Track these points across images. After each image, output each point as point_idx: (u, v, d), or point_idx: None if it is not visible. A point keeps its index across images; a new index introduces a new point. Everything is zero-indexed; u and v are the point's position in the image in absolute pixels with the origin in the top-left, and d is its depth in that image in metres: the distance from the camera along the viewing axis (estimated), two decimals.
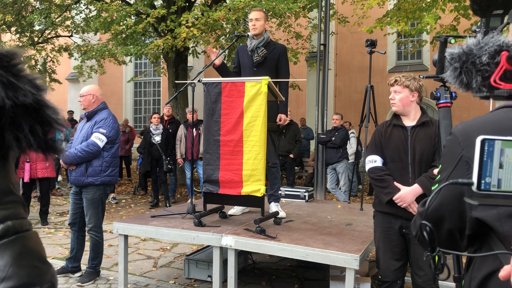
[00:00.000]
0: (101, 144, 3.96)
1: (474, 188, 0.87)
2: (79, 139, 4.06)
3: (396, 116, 2.86)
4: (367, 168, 2.87)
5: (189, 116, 7.83)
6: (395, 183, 2.71)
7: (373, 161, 2.83)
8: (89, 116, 4.12)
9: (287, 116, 3.97)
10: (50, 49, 13.68)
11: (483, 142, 0.85)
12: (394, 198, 2.67)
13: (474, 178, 0.86)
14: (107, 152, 4.04)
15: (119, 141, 4.24)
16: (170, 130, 8.10)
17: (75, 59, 13.47)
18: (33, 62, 13.54)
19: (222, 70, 3.90)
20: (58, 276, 4.24)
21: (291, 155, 8.15)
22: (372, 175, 2.81)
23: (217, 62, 3.82)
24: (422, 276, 2.73)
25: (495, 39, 1.06)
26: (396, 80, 2.77)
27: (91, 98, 4.11)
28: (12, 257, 0.66)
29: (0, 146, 0.63)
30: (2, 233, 0.67)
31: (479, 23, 1.59)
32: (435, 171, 2.11)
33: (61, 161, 4.07)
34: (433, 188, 1.15)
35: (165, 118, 8.42)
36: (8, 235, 0.68)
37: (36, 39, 12.46)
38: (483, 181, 0.86)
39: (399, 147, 2.75)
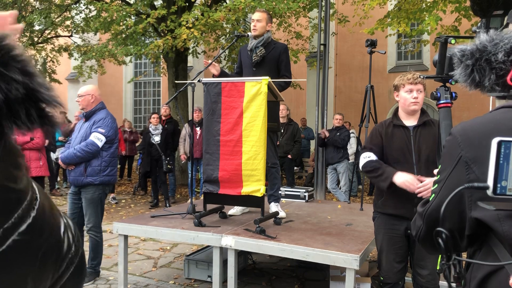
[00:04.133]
0: (100, 144, 3.97)
1: (489, 192, 0.83)
2: (77, 139, 4.06)
3: (396, 115, 2.82)
4: (360, 164, 2.81)
5: (195, 115, 7.82)
6: (388, 167, 2.63)
7: (366, 157, 2.78)
8: (88, 116, 4.13)
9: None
10: (50, 49, 13.68)
11: (499, 144, 0.81)
12: (399, 184, 2.54)
13: (490, 182, 0.83)
14: (106, 151, 4.05)
15: (118, 141, 4.25)
16: (168, 130, 8.11)
17: (75, 59, 13.46)
18: (33, 62, 13.52)
19: (222, 76, 3.90)
20: None
21: (289, 156, 8.14)
22: (366, 169, 2.75)
23: (216, 73, 3.83)
24: (425, 276, 2.71)
25: (511, 35, 1.01)
26: (421, 79, 2.67)
27: (90, 98, 4.11)
28: None
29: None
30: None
31: (479, 24, 1.59)
32: (435, 171, 2.11)
33: (59, 161, 4.07)
34: (432, 188, 1.15)
35: (163, 118, 8.44)
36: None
37: (36, 39, 12.45)
38: (499, 185, 0.82)
39: (403, 147, 2.70)
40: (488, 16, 1.53)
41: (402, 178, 2.55)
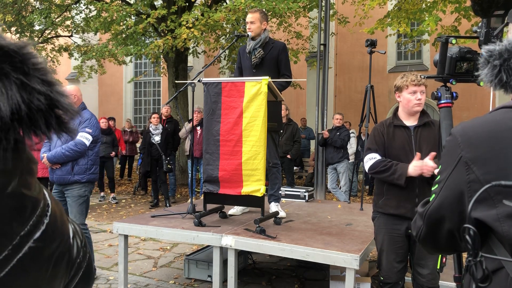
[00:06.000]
0: (87, 143, 4.04)
1: None
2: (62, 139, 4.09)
3: (396, 115, 2.82)
4: (367, 166, 2.76)
5: (194, 116, 7.82)
6: (400, 163, 2.61)
7: (372, 158, 2.75)
8: None
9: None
10: (50, 49, 13.67)
11: None
12: (413, 173, 2.53)
13: None
14: (92, 150, 4.12)
15: (101, 140, 4.34)
16: (168, 130, 8.11)
17: (75, 59, 13.45)
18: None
19: None
20: None
21: (288, 156, 8.13)
22: (376, 169, 2.69)
23: None
24: (426, 275, 2.72)
25: None
26: (424, 80, 2.67)
27: (73, 98, 4.14)
28: None
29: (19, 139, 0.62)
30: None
31: (480, 24, 1.59)
32: (436, 171, 2.11)
33: (44, 159, 4.07)
34: (433, 189, 1.15)
35: (163, 118, 8.44)
36: None
37: (36, 39, 12.44)
38: None
39: (405, 147, 2.70)
40: (489, 16, 1.53)
41: (413, 168, 2.53)
